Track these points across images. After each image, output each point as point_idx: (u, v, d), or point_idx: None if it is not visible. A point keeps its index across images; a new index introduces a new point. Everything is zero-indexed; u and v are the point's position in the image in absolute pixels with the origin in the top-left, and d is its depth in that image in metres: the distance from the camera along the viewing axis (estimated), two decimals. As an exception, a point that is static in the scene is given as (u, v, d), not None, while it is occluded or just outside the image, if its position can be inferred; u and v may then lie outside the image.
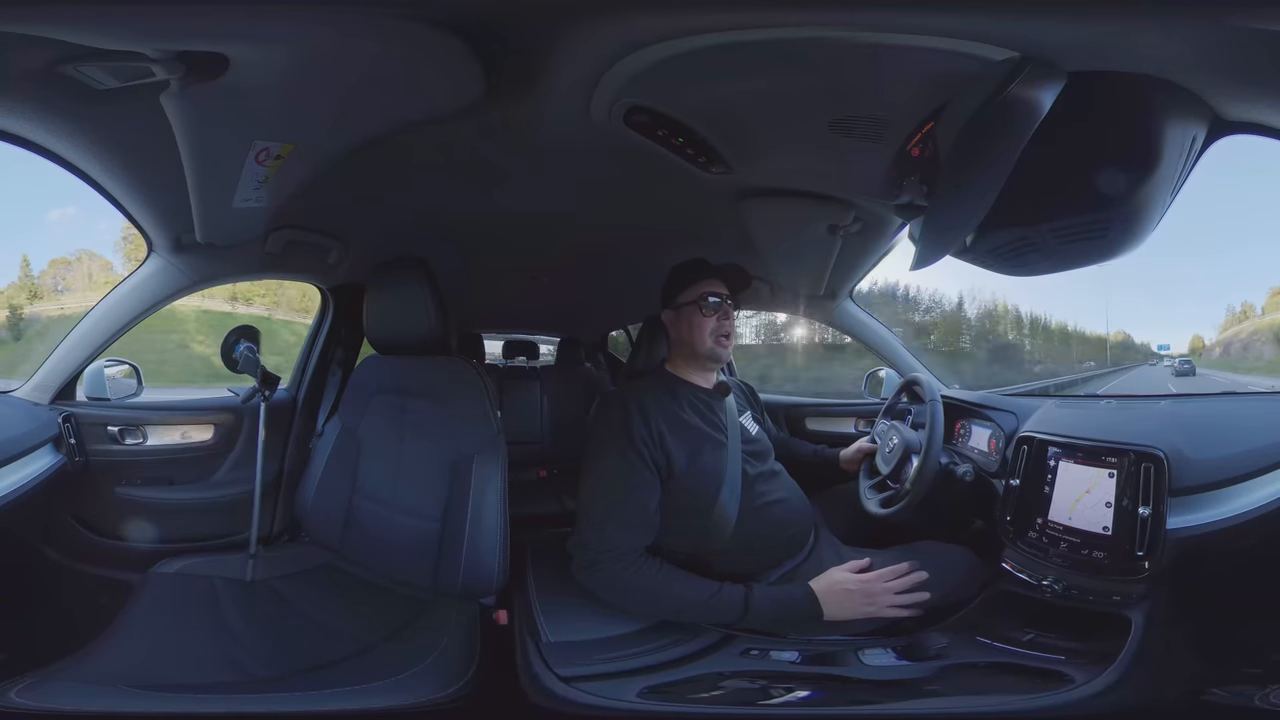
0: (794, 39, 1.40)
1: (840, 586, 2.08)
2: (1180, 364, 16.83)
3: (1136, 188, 1.49)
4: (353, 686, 1.85)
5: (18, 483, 2.24)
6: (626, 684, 1.84)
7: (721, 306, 2.35)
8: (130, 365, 2.92)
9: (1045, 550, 2.01)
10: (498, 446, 2.37)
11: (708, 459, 2.19)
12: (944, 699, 1.87)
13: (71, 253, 10.80)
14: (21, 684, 1.72)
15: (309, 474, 2.70)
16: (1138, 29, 1.29)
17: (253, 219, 2.28)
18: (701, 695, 1.86)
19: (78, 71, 1.43)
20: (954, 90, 1.49)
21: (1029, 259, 1.81)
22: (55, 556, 2.54)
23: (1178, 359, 17.41)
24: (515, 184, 2.48)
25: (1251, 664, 1.67)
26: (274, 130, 1.80)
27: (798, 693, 1.85)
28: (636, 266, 3.43)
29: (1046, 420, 2.30)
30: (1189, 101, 1.46)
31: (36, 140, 1.81)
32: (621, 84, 1.62)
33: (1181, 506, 1.78)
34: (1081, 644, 1.82)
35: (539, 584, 2.35)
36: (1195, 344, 19.79)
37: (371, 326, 2.65)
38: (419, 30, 1.43)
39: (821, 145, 1.88)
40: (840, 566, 2.15)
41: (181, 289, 2.61)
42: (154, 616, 2.16)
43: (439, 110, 1.83)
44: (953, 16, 1.31)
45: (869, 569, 2.14)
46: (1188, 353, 19.71)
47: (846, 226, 2.56)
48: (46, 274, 21.36)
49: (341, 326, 3.43)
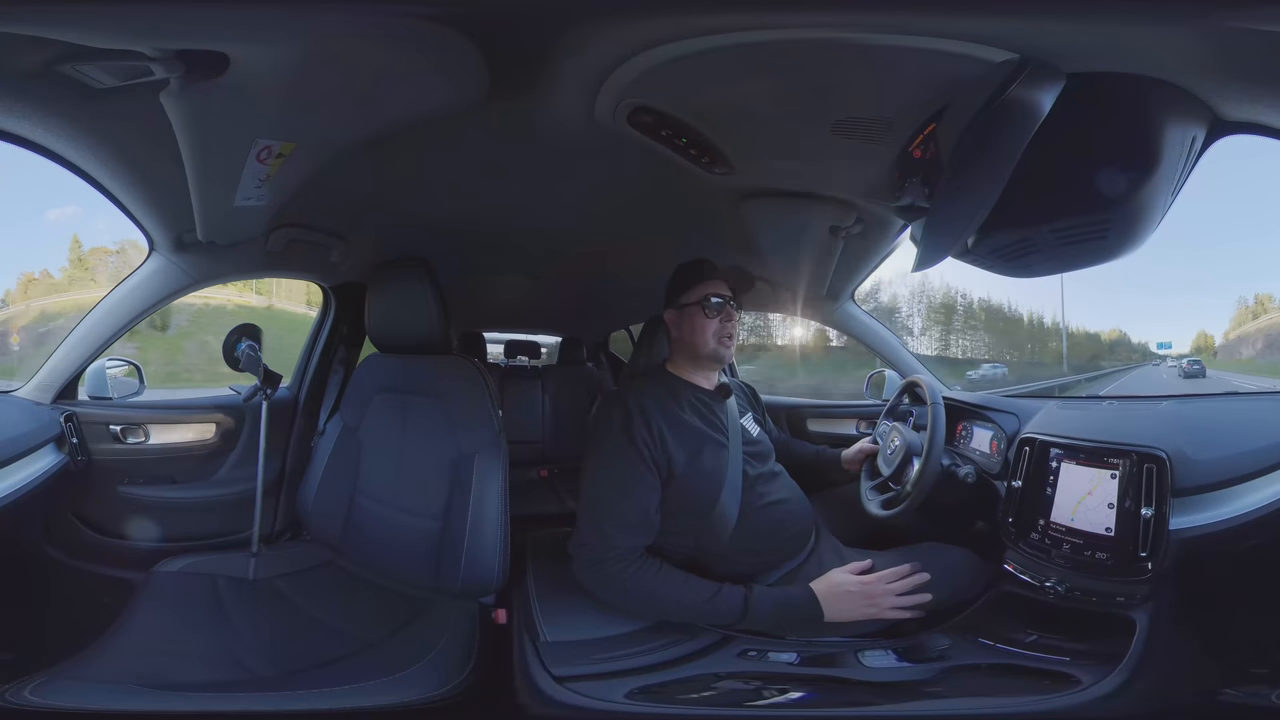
0: (796, 40, 1.41)
1: (841, 588, 2.08)
2: (1189, 365, 15.01)
3: (1136, 188, 1.49)
4: (353, 684, 1.85)
5: (20, 482, 2.24)
6: (617, 684, 1.84)
7: (725, 308, 2.34)
8: (132, 364, 2.92)
9: (1048, 551, 2.01)
10: (499, 446, 2.38)
11: (708, 460, 2.19)
12: (948, 700, 1.87)
13: (113, 243, 10.66)
14: (25, 683, 1.72)
15: (310, 473, 2.72)
16: (1137, 31, 1.30)
17: (254, 217, 2.29)
18: (691, 696, 1.86)
19: (77, 71, 1.43)
20: (955, 92, 1.50)
21: (1030, 260, 1.81)
22: (58, 556, 2.54)
23: (1185, 359, 15.76)
24: (518, 183, 2.49)
25: (1257, 663, 1.67)
26: (275, 128, 1.80)
27: (792, 694, 1.85)
28: (638, 267, 3.44)
29: (1048, 421, 2.29)
30: (1188, 102, 1.46)
31: (36, 140, 1.80)
32: (626, 84, 1.63)
33: (1184, 507, 1.77)
34: (1086, 645, 1.82)
35: (538, 583, 2.35)
36: (1202, 341, 17.70)
37: (373, 325, 2.67)
38: (422, 28, 1.43)
39: (823, 146, 1.88)
40: (841, 568, 2.14)
41: (183, 288, 2.61)
42: (156, 615, 2.15)
43: (442, 109, 1.83)
44: (953, 18, 1.32)
45: (870, 570, 2.14)
46: (1191, 351, 17.86)
47: (848, 228, 2.56)
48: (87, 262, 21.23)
49: (343, 325, 3.44)
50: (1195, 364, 15.05)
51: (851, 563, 2.17)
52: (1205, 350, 17.13)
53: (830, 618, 2.05)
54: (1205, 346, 17.34)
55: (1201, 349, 17.09)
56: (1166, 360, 16.77)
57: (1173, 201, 1.60)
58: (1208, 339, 17.43)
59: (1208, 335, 17.40)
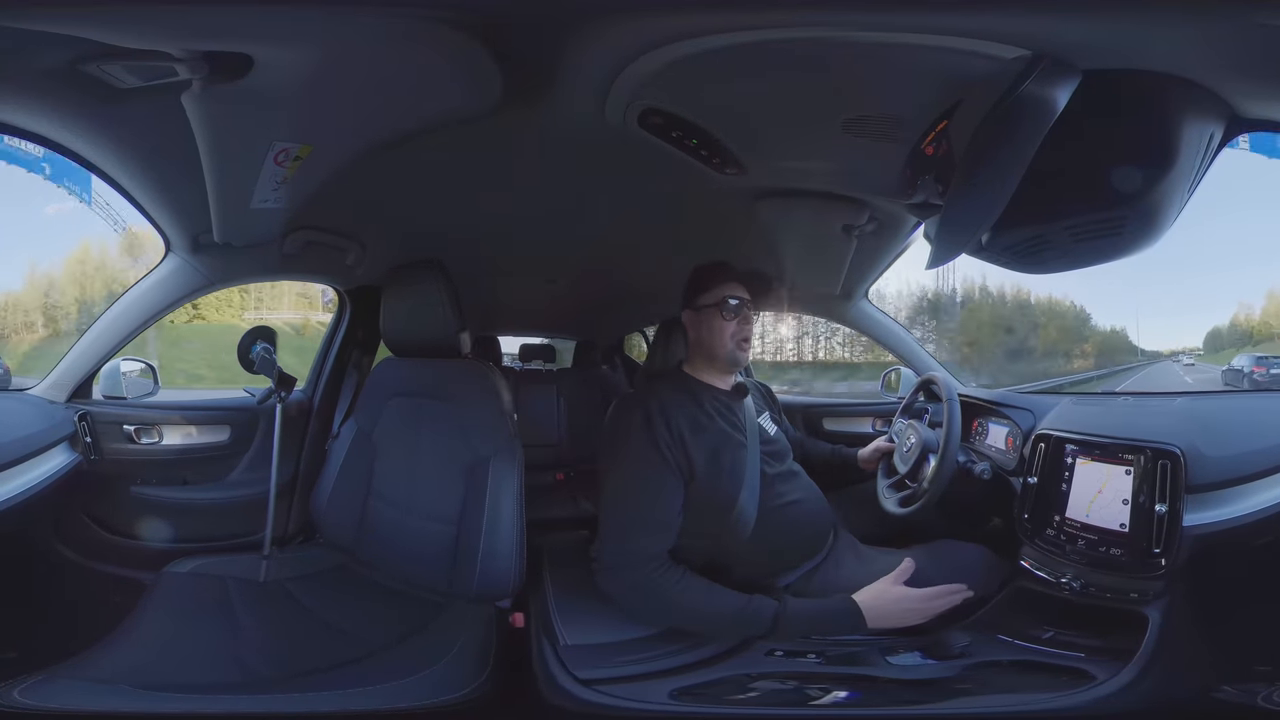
0: (806, 39, 1.41)
1: (893, 601, 2.06)
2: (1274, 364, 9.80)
3: (1152, 185, 1.49)
4: (366, 687, 1.85)
5: (33, 480, 2.25)
6: (644, 687, 1.84)
7: (742, 310, 2.34)
8: (147, 364, 2.93)
9: (1063, 548, 2.01)
10: (514, 449, 2.38)
11: (727, 460, 2.18)
12: (975, 698, 1.87)
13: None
14: (33, 681, 1.73)
15: (324, 475, 2.72)
16: (1154, 28, 1.29)
17: (271, 220, 2.30)
18: (733, 697, 1.86)
19: (100, 70, 1.44)
20: (967, 89, 1.50)
21: (1045, 257, 1.81)
22: (69, 554, 2.54)
23: (1256, 355, 10.99)
24: (531, 186, 2.50)
25: (1269, 661, 1.67)
26: (293, 131, 1.81)
27: (836, 694, 1.84)
28: (651, 269, 3.45)
29: (1063, 418, 2.30)
30: (1206, 99, 1.46)
31: (56, 139, 1.82)
32: (635, 86, 1.63)
33: (1198, 503, 1.77)
34: (1101, 641, 1.82)
35: (556, 587, 2.35)
36: (1254, 326, 13.83)
37: (387, 328, 2.67)
38: (439, 32, 1.44)
39: (835, 145, 1.89)
40: (886, 578, 2.11)
41: (199, 289, 2.61)
42: (166, 616, 2.16)
43: (457, 112, 1.83)
44: (965, 15, 1.32)
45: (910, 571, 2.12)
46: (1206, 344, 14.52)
47: (861, 226, 2.56)
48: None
49: (358, 328, 3.44)
50: (1268, 360, 10.07)
51: (894, 570, 2.12)
52: (1258, 337, 14.11)
53: (873, 626, 2.03)
54: (1259, 333, 14.25)
55: (1258, 334, 14.20)
56: (1180, 358, 14.53)
57: (1189, 198, 1.60)
58: (1257, 323, 14.37)
59: (1248, 316, 14.57)
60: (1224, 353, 14.02)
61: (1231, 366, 10.26)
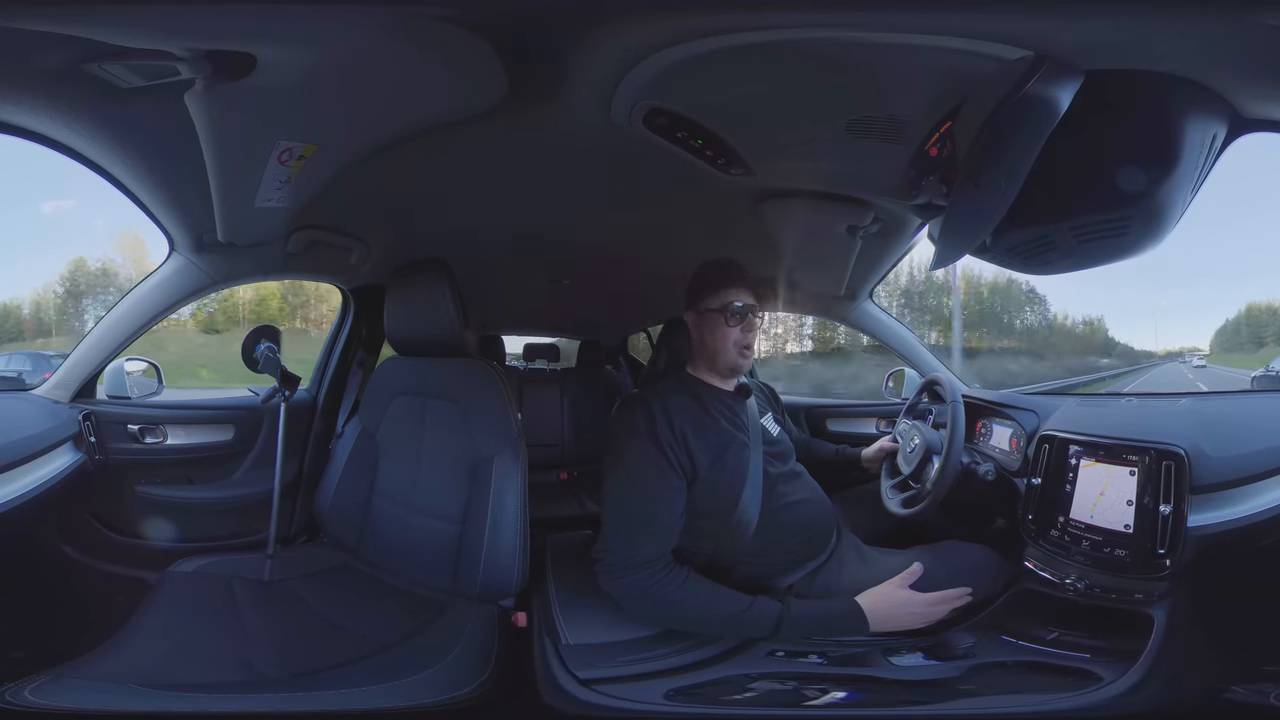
0: (811, 40, 1.41)
1: (897, 604, 2.06)
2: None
3: (1155, 186, 1.49)
4: (369, 686, 1.85)
5: (38, 480, 2.25)
6: (646, 687, 1.84)
7: (747, 315, 2.28)
8: (151, 364, 2.93)
9: (1067, 549, 2.01)
10: (517, 448, 2.38)
11: (731, 460, 2.17)
12: (979, 699, 1.86)
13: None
14: (38, 681, 1.72)
15: (328, 475, 2.72)
16: (1156, 28, 1.29)
17: (274, 219, 2.29)
18: (735, 697, 1.86)
19: (103, 70, 1.45)
20: (971, 89, 1.50)
21: (1049, 258, 1.81)
22: (74, 554, 2.55)
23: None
24: (536, 186, 2.50)
25: (1273, 661, 1.67)
26: (297, 130, 1.81)
27: (834, 694, 1.83)
28: (655, 269, 3.44)
29: (1067, 419, 2.29)
30: (1209, 99, 1.46)
31: (59, 138, 1.82)
32: (641, 86, 1.63)
33: (1202, 504, 1.78)
34: (1105, 642, 1.82)
35: (559, 586, 2.35)
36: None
37: (391, 328, 2.66)
38: (444, 32, 1.44)
39: (839, 146, 1.89)
40: (892, 581, 2.10)
41: (202, 288, 2.62)
42: (171, 615, 2.15)
43: (462, 112, 1.84)
44: (969, 16, 1.32)
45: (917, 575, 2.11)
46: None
47: (865, 227, 2.56)
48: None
49: (362, 328, 3.45)
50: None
51: (900, 573, 2.11)
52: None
53: (876, 629, 2.02)
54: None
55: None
56: (1188, 358, 14.17)
57: (1193, 199, 1.60)
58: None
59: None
60: (1234, 355, 13.49)
61: (1269, 371, 9.02)
